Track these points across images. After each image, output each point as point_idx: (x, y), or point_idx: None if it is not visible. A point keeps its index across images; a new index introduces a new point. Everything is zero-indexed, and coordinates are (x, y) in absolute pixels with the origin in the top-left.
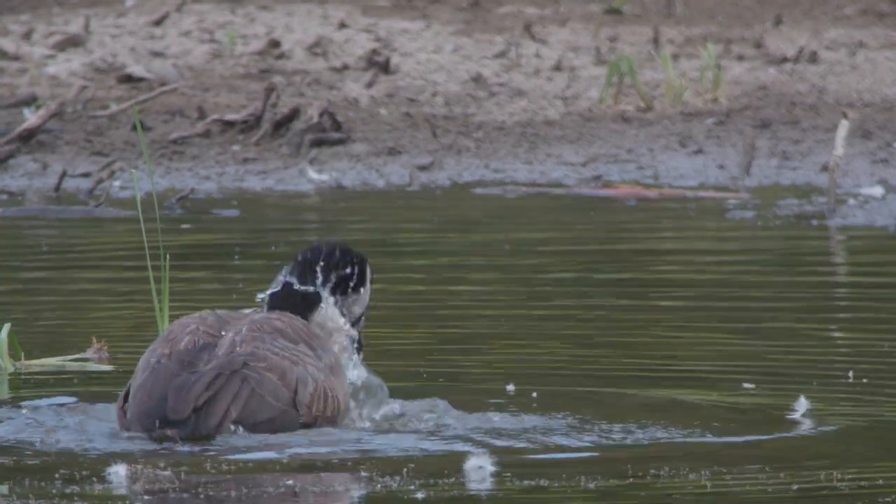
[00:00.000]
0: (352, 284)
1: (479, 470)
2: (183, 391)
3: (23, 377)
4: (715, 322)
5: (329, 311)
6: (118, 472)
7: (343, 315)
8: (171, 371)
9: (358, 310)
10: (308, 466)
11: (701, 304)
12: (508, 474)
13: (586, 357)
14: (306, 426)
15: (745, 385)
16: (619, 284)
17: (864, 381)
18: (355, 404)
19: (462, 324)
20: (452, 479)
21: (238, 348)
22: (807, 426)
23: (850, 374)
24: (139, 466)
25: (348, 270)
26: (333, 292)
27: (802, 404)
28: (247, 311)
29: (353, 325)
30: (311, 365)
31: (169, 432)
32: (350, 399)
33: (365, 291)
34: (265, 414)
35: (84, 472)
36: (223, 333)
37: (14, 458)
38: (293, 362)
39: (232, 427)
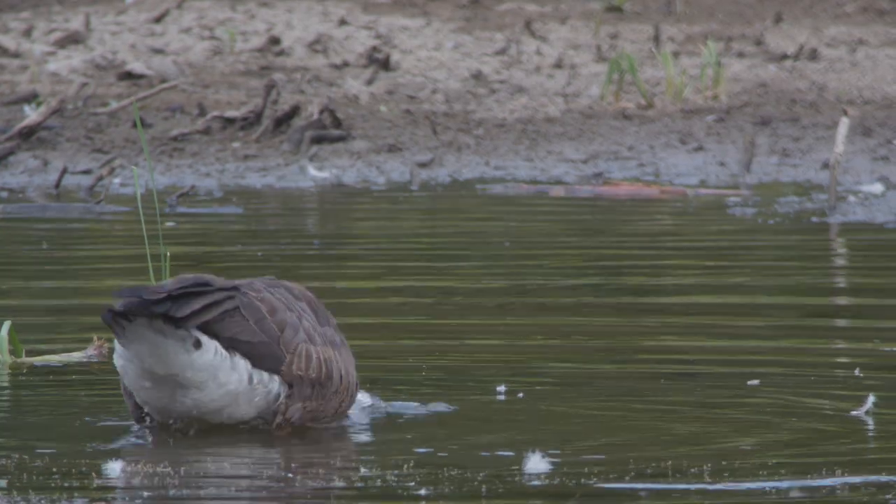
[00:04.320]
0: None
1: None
2: (165, 285)
3: (23, 374)
4: (715, 319)
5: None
6: (115, 468)
7: None
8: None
9: None
10: (308, 465)
11: (701, 301)
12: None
13: (587, 357)
14: (289, 384)
15: (749, 382)
16: (619, 281)
17: (862, 375)
18: None
19: (461, 322)
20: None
21: (237, 281)
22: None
23: (857, 370)
24: (136, 463)
25: None
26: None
27: (868, 402)
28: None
29: None
30: (307, 321)
31: (117, 306)
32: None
33: None
34: (245, 335)
35: (82, 469)
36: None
37: (14, 455)
38: (288, 308)
39: (203, 336)
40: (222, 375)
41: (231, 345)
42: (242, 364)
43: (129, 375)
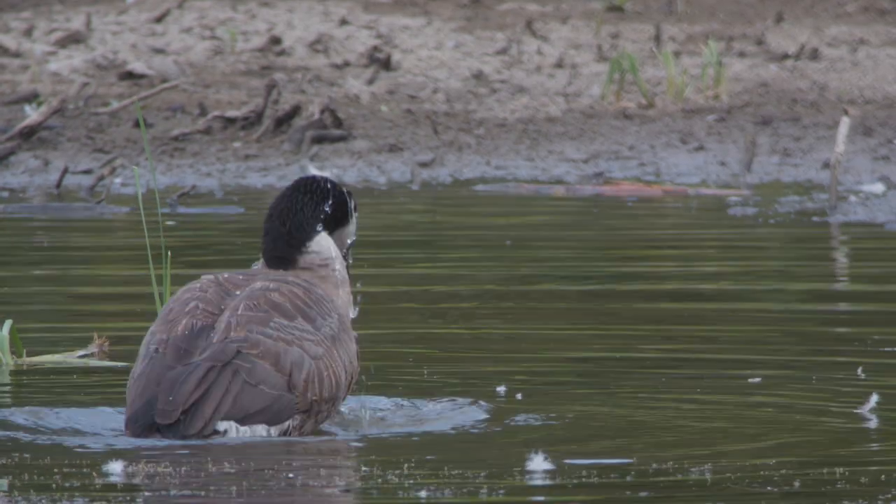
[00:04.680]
0: (340, 216)
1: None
2: (172, 391)
3: (24, 373)
4: (715, 319)
5: (324, 241)
6: (116, 468)
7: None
8: (166, 364)
9: (347, 241)
10: (309, 465)
11: (702, 300)
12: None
13: (587, 356)
14: (304, 411)
15: (750, 381)
16: (620, 281)
17: (863, 374)
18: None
19: (462, 321)
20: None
21: (233, 332)
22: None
23: (860, 370)
24: (137, 463)
25: (336, 203)
26: (326, 226)
27: (872, 401)
28: (255, 266)
29: (344, 257)
30: (308, 341)
31: (157, 440)
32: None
33: (352, 222)
34: (258, 404)
35: (84, 469)
36: (222, 309)
37: (15, 454)
38: (288, 343)
39: (221, 425)
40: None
41: (247, 420)
42: (260, 429)
43: None
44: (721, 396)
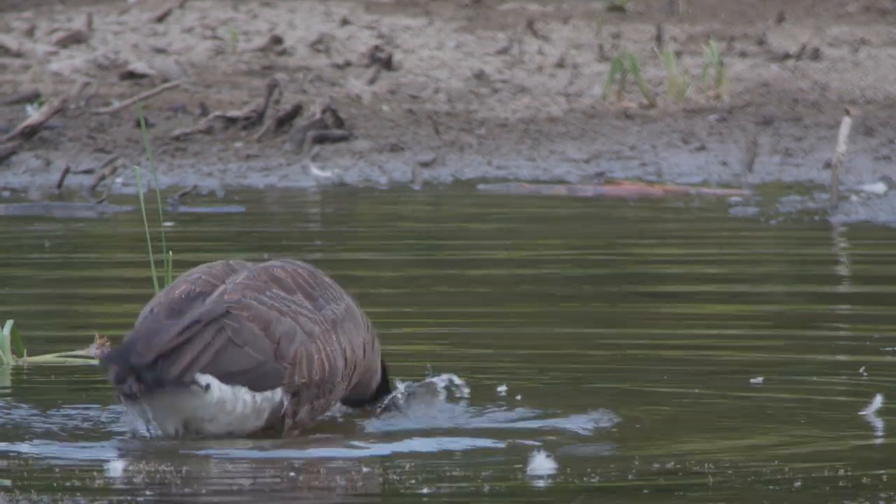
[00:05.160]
0: None
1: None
2: (153, 337)
3: (25, 373)
4: (717, 319)
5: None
6: (117, 468)
7: None
8: (157, 319)
9: None
10: (310, 464)
11: (703, 300)
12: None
13: (588, 356)
14: (293, 394)
15: (752, 381)
16: (622, 281)
17: (865, 375)
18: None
19: (463, 320)
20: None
21: (226, 296)
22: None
23: (863, 370)
24: (138, 462)
25: None
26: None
27: (876, 402)
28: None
29: None
30: (304, 317)
31: (131, 386)
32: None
33: None
34: (240, 364)
35: (84, 469)
36: (225, 282)
37: (15, 454)
38: (281, 313)
39: (202, 378)
40: (228, 405)
41: (229, 378)
42: (243, 391)
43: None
44: (722, 396)
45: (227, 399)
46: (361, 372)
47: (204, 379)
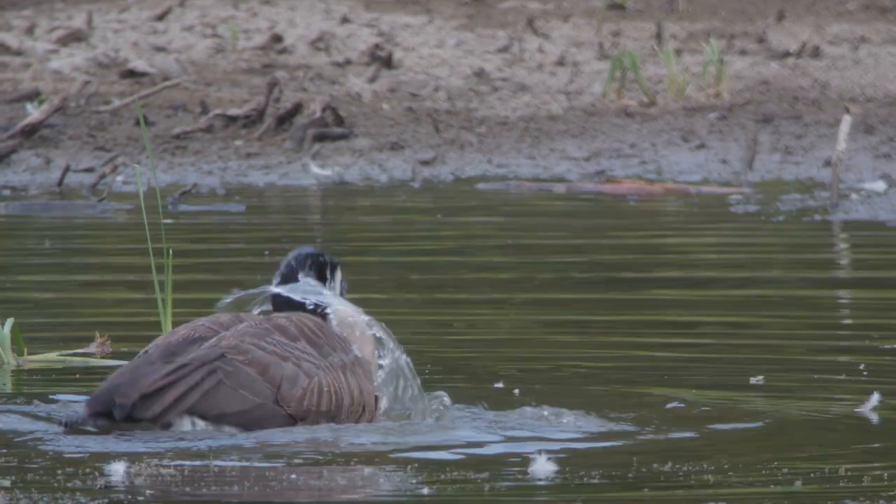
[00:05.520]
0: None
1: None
2: (140, 378)
3: (26, 372)
4: (717, 317)
5: (341, 309)
6: (118, 469)
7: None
8: (149, 360)
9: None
10: (311, 465)
11: (703, 298)
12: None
13: (588, 354)
14: (301, 419)
15: (752, 380)
16: (622, 279)
17: (865, 373)
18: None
19: (463, 320)
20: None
21: (223, 342)
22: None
23: (862, 366)
24: (139, 463)
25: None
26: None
27: (873, 400)
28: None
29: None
30: (307, 362)
31: (95, 424)
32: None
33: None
34: (234, 406)
35: (85, 469)
36: (229, 329)
37: (16, 453)
38: (283, 358)
39: (188, 419)
40: None
41: (221, 420)
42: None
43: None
44: (721, 395)
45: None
46: (370, 413)
47: (185, 422)
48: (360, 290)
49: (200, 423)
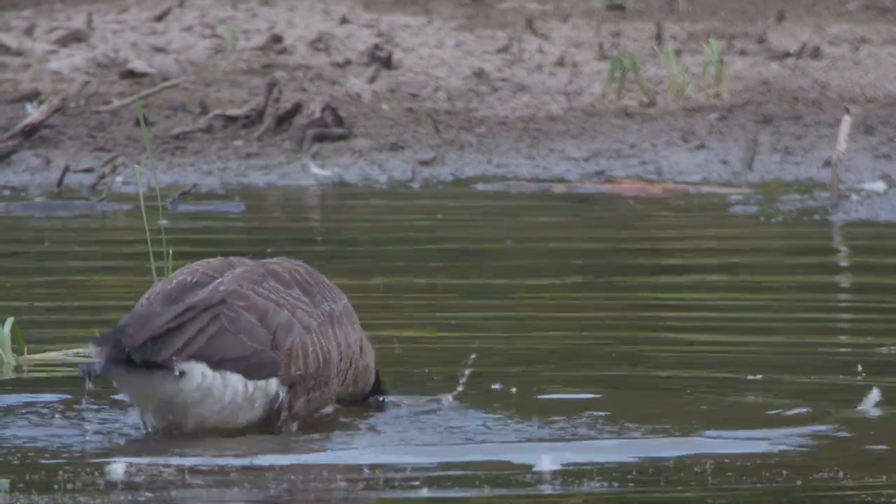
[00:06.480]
0: None
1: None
2: (147, 321)
3: (25, 371)
4: (717, 318)
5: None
6: (117, 468)
7: None
8: (152, 306)
9: None
10: (311, 464)
11: (703, 299)
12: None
13: (587, 354)
14: (289, 385)
15: (749, 377)
16: (621, 280)
17: (862, 374)
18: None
19: (464, 320)
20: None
21: (222, 287)
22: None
23: (859, 367)
24: (139, 463)
25: None
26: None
27: (873, 396)
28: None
29: None
30: (301, 310)
31: (95, 367)
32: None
33: None
34: (235, 351)
35: (85, 469)
36: (223, 275)
37: (16, 453)
38: (278, 304)
39: (187, 364)
40: (216, 392)
41: (221, 365)
42: (235, 378)
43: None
44: (721, 394)
45: (216, 386)
46: (357, 370)
47: (182, 366)
48: (358, 290)
49: (201, 366)
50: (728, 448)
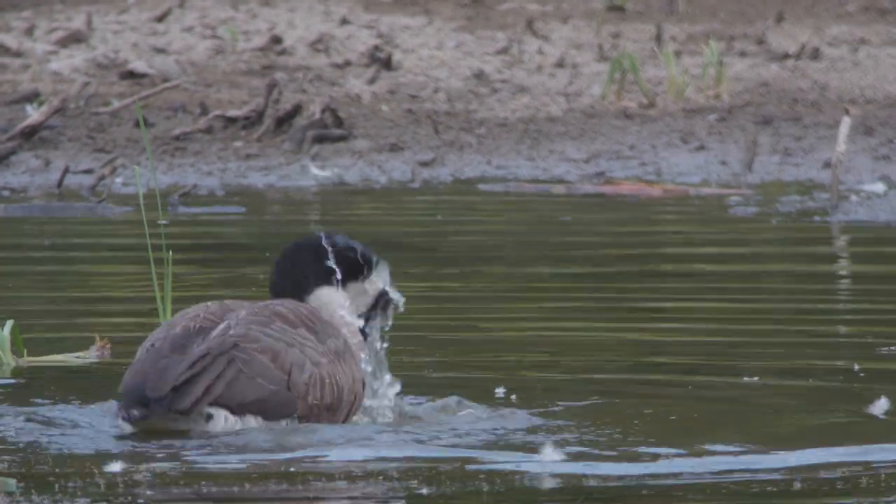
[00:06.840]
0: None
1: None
2: (166, 370)
3: (25, 373)
4: (717, 319)
5: (332, 294)
6: (116, 468)
7: (348, 303)
8: (162, 353)
9: (364, 302)
10: (311, 464)
11: (703, 300)
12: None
13: (586, 355)
14: (304, 418)
15: (745, 379)
16: (621, 281)
17: (862, 374)
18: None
19: (464, 321)
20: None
21: (232, 331)
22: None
23: (856, 366)
24: (139, 463)
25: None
26: (340, 278)
27: (881, 404)
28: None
29: (361, 317)
30: (310, 348)
31: (136, 412)
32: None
33: (370, 285)
34: (252, 395)
35: (85, 470)
36: (224, 319)
37: (16, 455)
38: (289, 344)
39: (211, 409)
40: None
41: (242, 409)
42: (254, 421)
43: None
44: (721, 395)
45: (233, 429)
46: (361, 405)
47: (210, 410)
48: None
49: (224, 414)
50: (724, 449)
